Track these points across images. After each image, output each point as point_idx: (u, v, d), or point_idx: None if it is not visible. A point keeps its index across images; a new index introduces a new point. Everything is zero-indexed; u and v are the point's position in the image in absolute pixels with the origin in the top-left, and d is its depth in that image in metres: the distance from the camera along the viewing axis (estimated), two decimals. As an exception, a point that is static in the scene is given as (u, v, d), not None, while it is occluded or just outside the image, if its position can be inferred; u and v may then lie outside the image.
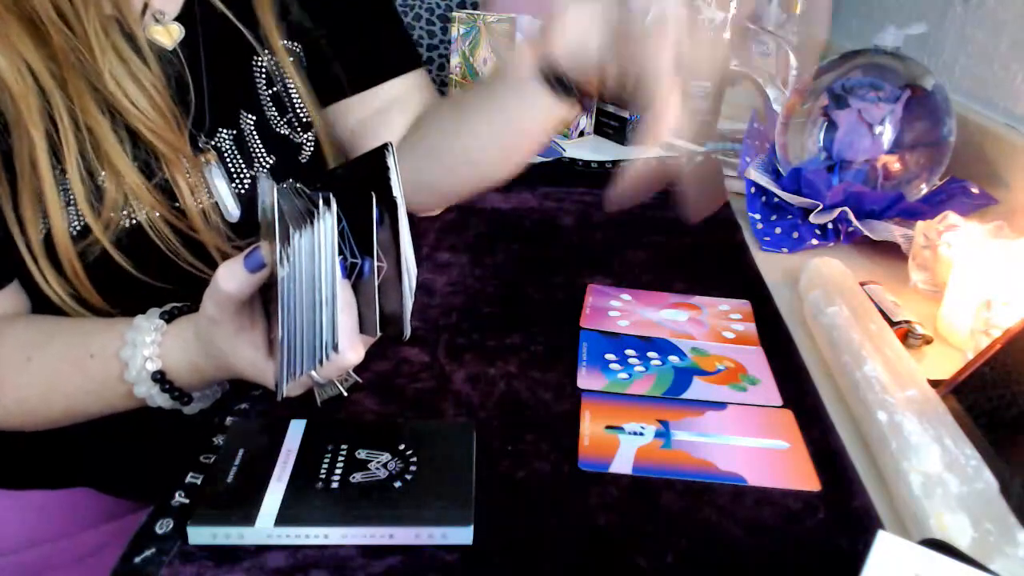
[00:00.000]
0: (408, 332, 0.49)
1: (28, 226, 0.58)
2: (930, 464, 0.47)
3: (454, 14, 1.24)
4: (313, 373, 0.47)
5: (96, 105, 0.59)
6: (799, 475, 0.49)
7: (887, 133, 0.87)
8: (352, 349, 0.48)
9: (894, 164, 0.88)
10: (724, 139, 1.17)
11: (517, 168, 0.70)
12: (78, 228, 0.60)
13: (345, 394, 0.53)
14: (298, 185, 0.49)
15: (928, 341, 0.65)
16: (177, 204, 0.63)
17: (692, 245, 0.83)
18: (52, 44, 0.57)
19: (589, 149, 1.16)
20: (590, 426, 0.53)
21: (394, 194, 0.47)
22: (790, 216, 0.87)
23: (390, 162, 0.47)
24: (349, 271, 0.49)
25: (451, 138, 0.70)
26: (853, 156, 0.89)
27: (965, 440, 0.48)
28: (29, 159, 0.57)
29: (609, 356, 0.61)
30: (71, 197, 0.59)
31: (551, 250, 0.81)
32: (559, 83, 0.61)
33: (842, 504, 0.47)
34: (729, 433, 0.53)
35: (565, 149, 1.10)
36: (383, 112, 0.77)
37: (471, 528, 0.43)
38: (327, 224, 0.45)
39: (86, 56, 0.58)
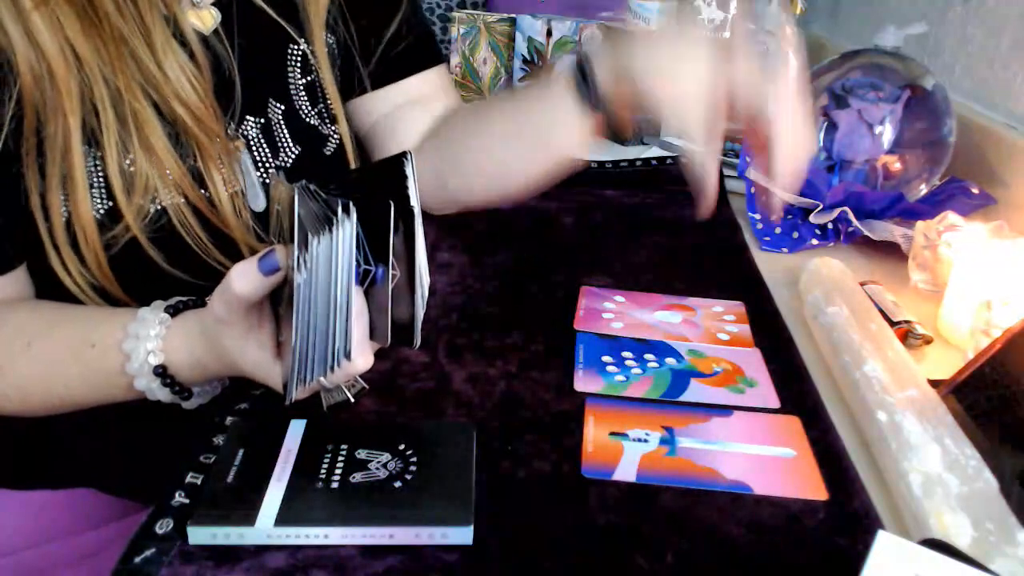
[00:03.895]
0: (419, 341, 0.49)
1: (53, 215, 0.58)
2: (930, 464, 0.47)
3: (454, 14, 1.24)
4: (322, 379, 0.47)
5: (142, 92, 0.59)
6: (806, 484, 0.49)
7: (887, 133, 0.87)
8: (362, 356, 0.48)
9: (894, 164, 0.88)
10: (724, 139, 1.17)
11: (531, 182, 0.69)
12: (102, 211, 0.59)
13: (352, 400, 0.53)
14: (312, 187, 0.49)
15: (928, 341, 0.65)
16: (206, 192, 0.63)
17: (692, 245, 0.83)
18: (103, 30, 0.57)
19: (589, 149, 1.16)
20: (594, 432, 0.53)
21: (411, 203, 0.47)
22: (790, 216, 0.87)
23: (408, 171, 0.47)
24: (362, 277, 0.49)
25: (470, 137, 0.72)
26: (853, 156, 0.89)
27: (965, 440, 0.48)
28: (62, 146, 0.57)
29: (606, 359, 0.61)
30: (103, 186, 0.59)
31: (551, 250, 0.81)
32: (586, 81, 0.62)
33: (842, 504, 0.47)
34: (735, 440, 0.53)
35: (565, 149, 1.10)
36: (404, 108, 0.77)
37: (471, 528, 0.43)
38: (346, 232, 0.44)
39: (143, 47, 0.58)
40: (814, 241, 0.84)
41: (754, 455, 0.51)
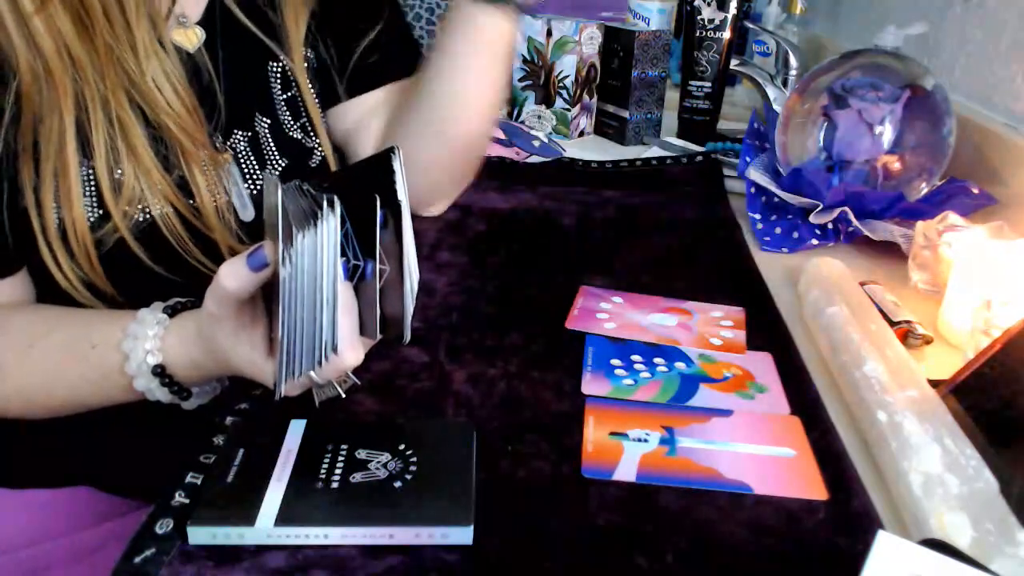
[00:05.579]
0: (408, 335, 0.49)
1: (45, 211, 0.59)
2: (930, 464, 0.47)
3: (454, 14, 1.23)
4: (312, 374, 0.47)
5: (128, 99, 0.61)
6: (806, 484, 0.49)
7: (887, 133, 0.87)
8: (351, 350, 0.48)
9: (894, 164, 0.88)
10: (724, 139, 1.17)
11: (485, 116, 0.74)
12: (93, 218, 0.61)
13: (343, 395, 0.53)
14: (304, 185, 0.49)
15: (928, 341, 0.65)
16: (193, 201, 0.64)
17: (692, 245, 0.83)
18: (95, 36, 0.59)
19: (589, 149, 1.16)
20: (594, 432, 0.53)
21: (399, 197, 0.47)
22: (790, 216, 0.87)
23: (396, 165, 0.47)
24: (351, 273, 0.49)
25: (414, 102, 0.75)
26: (853, 156, 0.89)
27: (965, 440, 0.48)
28: (57, 143, 0.59)
29: (615, 362, 0.61)
30: (93, 187, 0.60)
31: (551, 250, 0.81)
32: None
33: (842, 504, 0.47)
34: (735, 440, 0.52)
35: (565, 149, 1.10)
36: (374, 110, 0.79)
37: (471, 528, 0.43)
38: (330, 226, 0.45)
39: (129, 54, 0.60)
40: (814, 241, 0.84)
41: (754, 455, 0.51)
